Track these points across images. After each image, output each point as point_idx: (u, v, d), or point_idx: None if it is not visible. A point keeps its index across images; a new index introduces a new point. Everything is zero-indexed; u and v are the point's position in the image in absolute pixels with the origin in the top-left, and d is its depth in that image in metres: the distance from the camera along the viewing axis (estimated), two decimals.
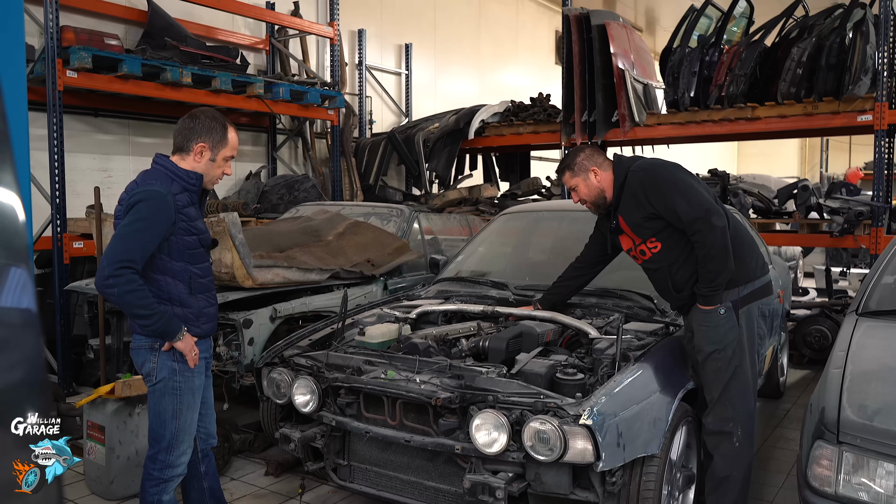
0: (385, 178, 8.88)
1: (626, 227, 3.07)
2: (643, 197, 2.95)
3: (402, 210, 5.57)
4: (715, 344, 2.90)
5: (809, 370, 6.24)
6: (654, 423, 2.68)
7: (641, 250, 3.09)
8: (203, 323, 2.74)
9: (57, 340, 5.44)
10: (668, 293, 3.09)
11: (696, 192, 2.90)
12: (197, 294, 2.70)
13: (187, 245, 2.65)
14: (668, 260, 3.00)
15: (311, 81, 7.78)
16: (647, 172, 2.99)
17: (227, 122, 2.73)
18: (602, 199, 3.11)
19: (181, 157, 2.67)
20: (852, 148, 19.49)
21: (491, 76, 12.22)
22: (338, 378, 2.95)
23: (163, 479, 2.70)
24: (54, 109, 5.34)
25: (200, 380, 2.76)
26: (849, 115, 6.02)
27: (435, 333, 3.31)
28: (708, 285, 2.87)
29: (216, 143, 2.67)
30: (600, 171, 3.08)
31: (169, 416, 2.67)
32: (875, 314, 3.24)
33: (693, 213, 2.84)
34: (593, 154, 3.13)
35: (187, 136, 2.66)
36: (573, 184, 3.14)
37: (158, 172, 2.63)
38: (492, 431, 2.57)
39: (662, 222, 2.95)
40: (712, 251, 2.82)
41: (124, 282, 2.45)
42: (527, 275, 4.24)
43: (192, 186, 2.66)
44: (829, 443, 2.27)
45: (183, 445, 2.72)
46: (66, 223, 5.52)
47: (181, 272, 2.65)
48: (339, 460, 3.11)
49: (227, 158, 2.73)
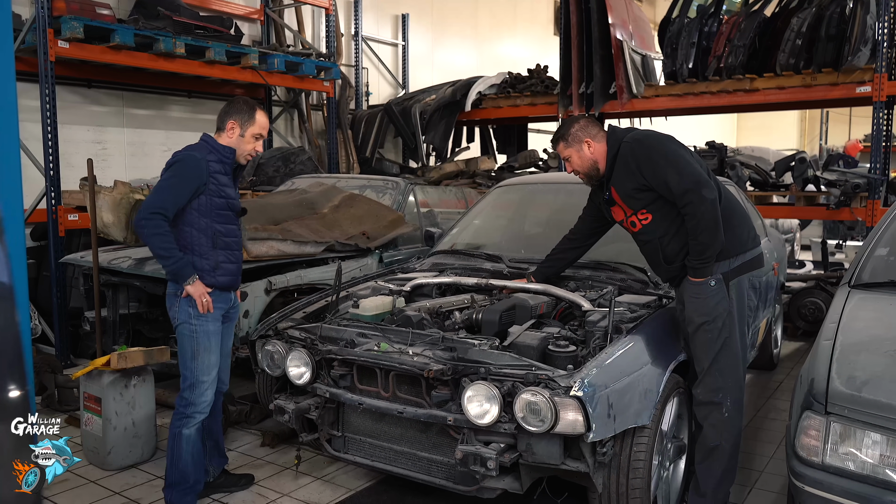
0: (382, 150, 8.84)
1: (618, 199, 3.06)
2: (635, 168, 2.94)
3: (397, 183, 5.55)
4: (705, 315, 2.90)
5: (803, 342, 6.28)
6: (645, 395, 2.69)
7: (632, 221, 3.08)
8: (219, 275, 3.06)
9: (54, 313, 5.45)
10: (660, 265, 3.08)
11: (687, 164, 2.89)
12: (218, 249, 3.06)
13: (215, 205, 3.04)
14: (659, 232, 3.00)
15: (306, 52, 7.71)
16: (640, 143, 2.97)
17: (257, 105, 3.15)
18: (595, 170, 3.09)
19: (219, 134, 3.12)
20: (852, 120, 19.40)
21: (489, 48, 12.11)
22: (331, 350, 2.96)
23: (185, 414, 3.08)
24: (46, 80, 5.29)
25: (215, 326, 3.09)
26: (848, 87, 5.98)
27: (429, 306, 3.32)
28: (698, 257, 2.87)
29: (244, 122, 3.08)
30: (594, 142, 3.06)
31: (189, 357, 3.05)
32: (867, 286, 3.24)
33: (683, 184, 2.83)
34: (587, 125, 3.10)
35: (222, 117, 3.10)
36: (567, 154, 3.12)
37: (200, 145, 3.10)
38: (483, 403, 2.59)
39: (654, 194, 2.94)
40: (702, 223, 2.82)
41: (153, 225, 2.90)
42: (522, 247, 4.24)
43: (226, 158, 3.09)
44: (817, 413, 2.29)
45: (202, 385, 3.07)
46: (61, 195, 5.49)
47: (206, 228, 3.03)
48: (334, 431, 3.13)
49: (255, 136, 3.11)
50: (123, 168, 6.90)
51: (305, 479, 3.52)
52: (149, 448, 3.73)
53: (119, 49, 5.71)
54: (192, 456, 3.10)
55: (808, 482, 2.25)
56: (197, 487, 3.14)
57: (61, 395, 4.52)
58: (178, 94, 7.35)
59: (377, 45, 9.87)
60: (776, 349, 5.48)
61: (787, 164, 6.89)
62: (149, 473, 3.58)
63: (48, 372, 4.59)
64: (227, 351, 3.31)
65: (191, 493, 3.10)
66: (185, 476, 3.08)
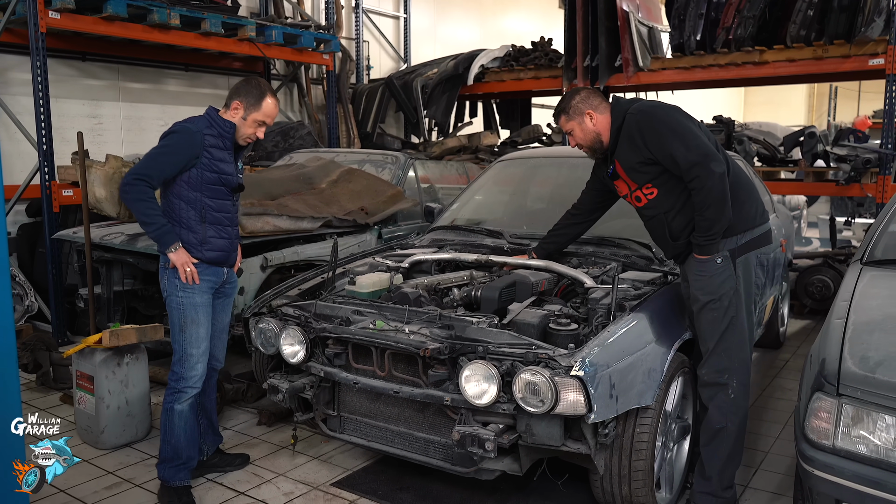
0: (383, 125, 8.70)
1: (622, 172, 2.94)
2: (640, 140, 2.81)
3: (397, 157, 5.44)
4: (710, 294, 2.79)
5: (810, 320, 6.18)
6: (649, 374, 2.61)
7: (637, 196, 2.96)
8: (207, 250, 2.99)
9: (49, 289, 5.38)
10: (665, 241, 2.96)
11: (694, 137, 2.76)
12: (207, 224, 2.98)
13: (206, 180, 2.95)
14: (665, 207, 2.88)
15: (304, 24, 7.55)
16: (645, 115, 2.84)
17: (268, 90, 3.04)
18: (598, 143, 2.96)
19: (224, 110, 3.03)
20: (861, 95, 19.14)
21: (492, 21, 11.90)
22: (325, 328, 2.88)
23: (177, 389, 3.02)
24: (38, 52, 5.16)
25: (203, 298, 3.01)
26: (860, 59, 5.82)
27: (427, 283, 3.23)
28: (704, 234, 2.75)
29: (249, 105, 2.99)
30: (596, 113, 2.93)
31: (177, 329, 3.00)
32: (880, 263, 3.14)
33: (691, 158, 2.71)
34: (589, 96, 2.97)
35: (231, 95, 3.03)
36: (569, 128, 2.99)
37: (202, 118, 3.01)
38: (481, 383, 2.50)
39: (659, 168, 2.82)
40: (709, 198, 2.70)
41: (136, 191, 2.84)
42: (524, 223, 4.14)
43: (226, 133, 2.99)
44: (828, 395, 2.20)
45: (192, 360, 3.01)
46: (55, 170, 5.39)
47: (195, 201, 2.95)
48: (329, 411, 3.06)
49: (257, 122, 3.01)
50: (119, 143, 6.79)
51: (302, 458, 3.46)
52: (143, 427, 3.67)
53: (112, 20, 5.57)
54: (186, 432, 3.04)
55: (817, 466, 2.16)
56: (190, 464, 3.07)
57: (56, 373, 4.47)
58: (175, 68, 7.21)
59: (378, 17, 9.69)
60: (783, 327, 5.38)
61: (796, 138, 6.75)
62: (143, 452, 3.53)
63: (43, 350, 4.53)
64: (222, 327, 3.23)
65: (183, 470, 3.04)
66: (178, 452, 3.02)
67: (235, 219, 3.14)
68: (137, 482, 3.23)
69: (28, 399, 4.27)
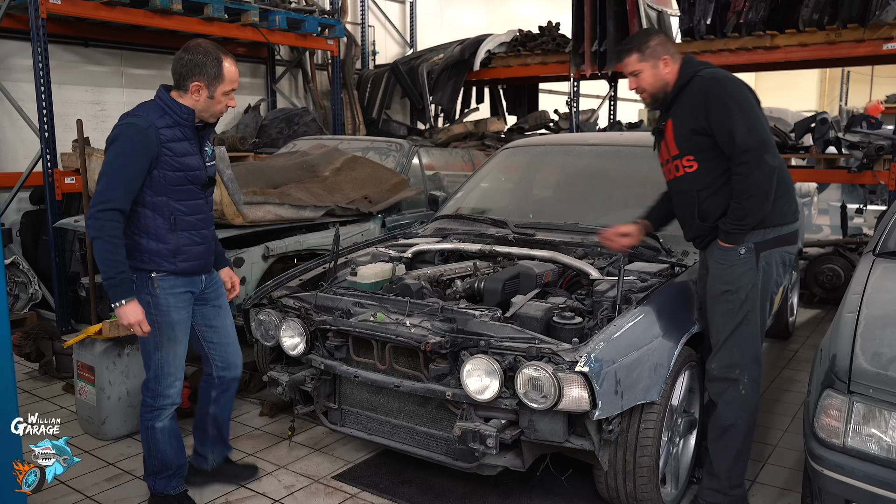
0: (389, 111, 8.62)
1: (670, 134, 2.78)
2: (701, 106, 2.65)
3: (401, 144, 5.37)
4: (728, 284, 2.70)
5: (820, 310, 6.10)
6: (655, 369, 2.55)
7: (676, 165, 2.80)
8: (181, 261, 2.64)
9: (53, 277, 5.37)
10: (690, 221, 2.83)
11: (758, 121, 2.61)
12: (179, 231, 2.62)
13: (170, 180, 2.56)
14: (701, 184, 2.74)
15: (308, 9, 7.46)
16: (717, 82, 2.66)
17: (222, 53, 2.58)
18: (663, 92, 2.78)
19: (179, 94, 2.59)
20: (874, 80, 18.89)
21: (500, 5, 11.75)
22: (325, 321, 2.83)
23: (155, 406, 2.76)
24: (38, 38, 5.11)
25: (180, 315, 2.70)
26: (874, 44, 5.69)
27: (429, 274, 3.18)
28: (736, 222, 2.64)
29: (212, 80, 2.55)
30: (672, 62, 2.75)
31: (151, 348, 2.70)
32: (894, 255, 3.07)
33: (749, 142, 2.56)
34: (667, 42, 2.78)
35: (182, 74, 2.55)
36: (638, 68, 2.77)
37: (153, 104, 2.58)
38: (483, 378, 2.46)
39: (709, 140, 2.67)
40: (752, 188, 2.58)
41: (97, 226, 2.44)
42: (529, 212, 4.08)
43: (184, 121, 2.57)
44: (839, 392, 2.14)
45: (169, 377, 2.74)
46: (57, 158, 5.35)
47: (162, 207, 2.57)
48: (330, 404, 3.02)
49: (226, 93, 2.61)
50: None
51: (303, 450, 3.43)
52: None
53: (113, 5, 5.51)
54: (171, 444, 2.82)
55: (827, 465, 2.11)
56: (181, 471, 2.89)
57: (59, 363, 4.45)
58: None
59: (384, 2, 9.57)
60: (792, 317, 5.31)
61: (808, 125, 6.62)
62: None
63: (46, 339, 4.51)
64: (225, 332, 2.92)
65: (175, 478, 2.87)
66: (167, 464, 2.82)
67: (211, 218, 2.78)
68: (137, 473, 3.20)
69: (31, 388, 4.26)
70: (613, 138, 4.45)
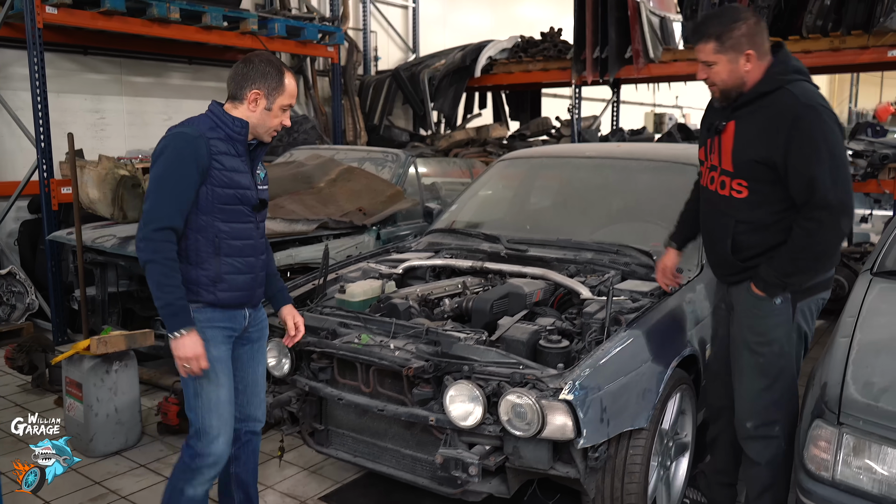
0: (391, 117, 8.58)
1: (728, 143, 2.39)
2: (783, 133, 2.26)
3: (397, 155, 5.32)
4: (759, 335, 2.45)
5: (823, 320, 6.01)
6: (644, 395, 2.50)
7: (723, 182, 2.43)
8: (220, 290, 2.33)
9: (49, 288, 5.36)
10: (719, 249, 2.51)
11: (846, 173, 2.26)
12: (223, 256, 2.33)
13: (219, 198, 2.29)
14: (744, 214, 2.40)
15: (308, 16, 7.43)
16: (812, 111, 2.26)
17: (283, 66, 2.40)
18: (738, 90, 2.38)
19: (234, 105, 2.35)
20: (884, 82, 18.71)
21: (504, 7, 11.70)
22: (310, 342, 2.79)
23: (191, 467, 2.38)
24: (35, 48, 5.10)
25: (221, 351, 2.37)
26: (878, 51, 5.61)
27: (418, 292, 3.13)
28: (781, 276, 2.35)
29: (272, 90, 2.33)
30: (756, 58, 2.33)
31: (191, 395, 2.36)
32: (891, 274, 3.00)
33: (830, 197, 2.22)
34: (757, 30, 2.32)
35: (240, 83, 2.34)
36: (713, 59, 2.35)
37: (203, 117, 2.35)
38: (466, 404, 2.41)
39: (774, 174, 2.31)
40: (815, 248, 2.29)
41: (151, 248, 2.19)
42: (524, 227, 4.03)
43: (238, 134, 2.33)
44: (828, 423, 2.08)
45: (212, 432, 2.35)
46: (53, 168, 5.34)
47: (206, 228, 2.29)
48: (317, 424, 2.98)
49: (284, 108, 2.38)
50: (122, 137, 6.73)
51: (291, 469, 3.39)
52: (133, 434, 3.62)
53: (110, 14, 5.49)
54: None
55: (815, 499, 2.05)
56: None
57: (52, 375, 4.43)
58: (178, 61, 7.13)
59: (386, 7, 9.54)
60: None
61: None
62: (132, 461, 3.48)
63: (39, 351, 4.49)
64: (254, 379, 2.59)
65: None
66: None
67: (262, 246, 2.47)
68: (124, 493, 3.18)
69: (23, 402, 4.25)
70: (610, 150, 4.38)
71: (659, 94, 12.60)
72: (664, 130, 11.20)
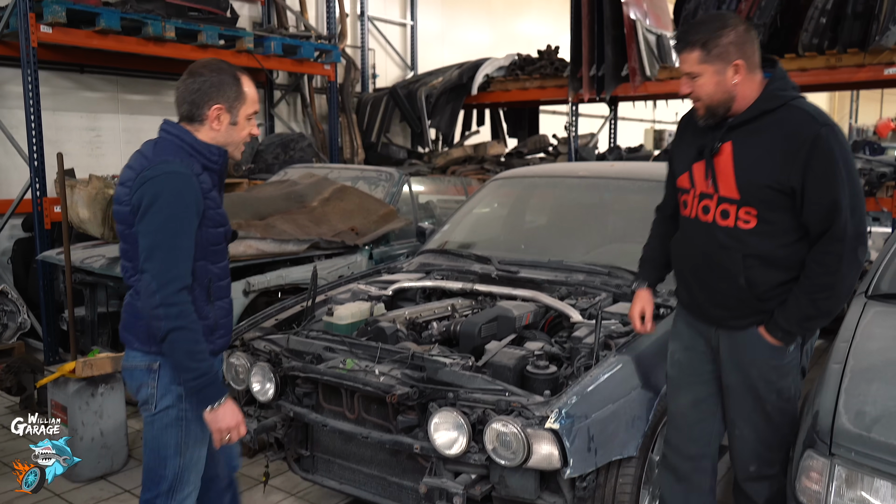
0: (389, 135, 8.58)
1: (726, 166, 2.12)
2: (800, 156, 2.01)
3: (391, 174, 5.30)
4: (769, 384, 2.23)
5: (822, 340, 5.93)
6: (633, 423, 2.44)
7: (724, 211, 2.15)
8: (218, 338, 2.15)
9: (41, 307, 5.32)
10: (725, 286, 2.20)
11: (862, 201, 2.07)
12: (215, 301, 2.13)
13: (211, 239, 2.07)
14: (752, 247, 2.13)
15: (305, 35, 7.44)
16: (832, 132, 2.03)
17: (237, 71, 2.11)
18: (724, 107, 2.12)
19: (194, 128, 2.06)
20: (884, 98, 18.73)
21: (503, 24, 11.72)
22: (294, 367, 2.74)
23: None
24: (29, 66, 5.10)
25: None
26: (875, 69, 5.60)
27: (406, 315, 3.09)
28: (802, 319, 2.12)
29: (233, 102, 2.06)
30: (746, 70, 2.08)
31: (171, 452, 2.11)
32: (887, 297, 2.95)
33: (849, 228, 2.02)
34: (749, 41, 2.09)
35: (195, 102, 2.04)
36: (697, 70, 2.10)
37: (173, 146, 2.03)
38: (451, 432, 2.36)
39: (788, 201, 2.07)
40: (838, 285, 2.07)
41: (175, 313, 1.92)
42: (517, 247, 3.99)
43: (215, 164, 2.09)
44: (820, 454, 2.03)
45: (188, 487, 2.17)
46: (46, 186, 5.33)
47: (201, 274, 2.05)
48: (302, 450, 2.93)
49: (249, 116, 2.12)
50: (118, 155, 6.72)
51: (278, 494, 3.34)
52: (119, 458, 3.58)
53: (106, 33, 5.50)
54: None
55: None
56: None
57: (41, 397, 4.38)
58: (175, 79, 6.93)
59: (384, 24, 9.56)
60: None
61: None
62: (117, 486, 3.43)
63: (28, 372, 4.45)
64: None
65: None
66: None
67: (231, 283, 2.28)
68: None
69: (10, 424, 4.18)
70: (604, 170, 4.36)
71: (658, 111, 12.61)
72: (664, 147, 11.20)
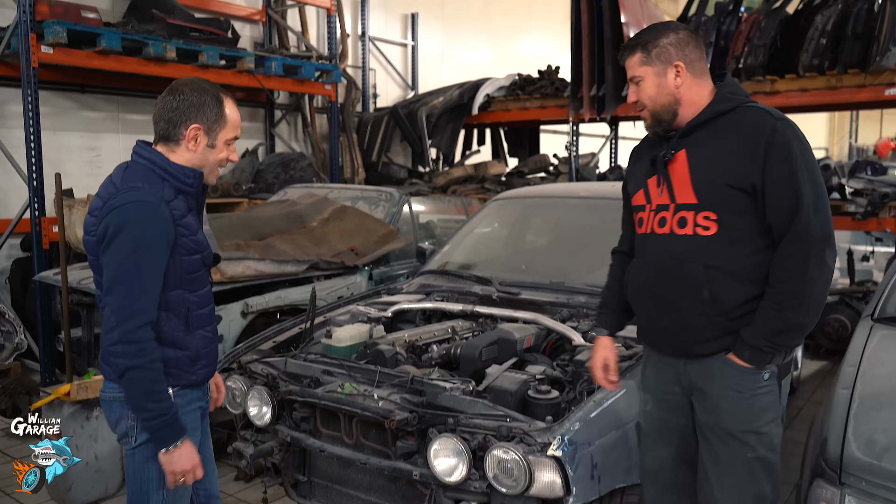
0: (390, 154, 8.57)
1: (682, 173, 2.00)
2: (757, 152, 1.91)
3: (391, 193, 5.28)
4: (745, 423, 1.98)
5: (826, 361, 5.90)
6: (637, 449, 2.39)
7: (681, 219, 2.01)
8: (200, 368, 2.06)
9: (38, 327, 5.28)
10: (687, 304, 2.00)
11: (826, 199, 1.95)
12: (195, 330, 2.03)
13: (187, 267, 1.98)
14: (714, 257, 1.96)
15: (306, 55, 7.47)
16: (789, 126, 1.94)
17: (220, 91, 2.01)
18: (670, 112, 2.03)
19: (169, 148, 1.97)
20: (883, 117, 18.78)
21: (503, 44, 11.78)
22: (291, 391, 2.70)
23: None
24: (29, 86, 5.10)
25: (195, 435, 2.07)
26: (875, 89, 5.60)
27: (406, 338, 3.05)
28: (770, 334, 1.91)
29: (213, 124, 1.97)
30: (687, 72, 2.00)
31: (153, 486, 2.00)
32: (893, 321, 2.91)
33: (813, 227, 1.88)
34: (689, 43, 2.02)
35: (172, 121, 1.96)
36: (639, 73, 2.03)
37: (144, 170, 1.94)
38: (451, 458, 2.31)
39: (750, 202, 1.93)
40: (806, 291, 1.90)
41: (134, 350, 1.84)
42: (518, 268, 3.95)
43: (190, 188, 1.99)
44: (829, 483, 1.98)
45: None
46: (45, 206, 5.31)
47: (177, 303, 1.97)
48: (300, 476, 2.88)
49: (229, 141, 2.03)
50: None
51: None
52: (113, 483, 3.52)
53: (106, 54, 5.50)
54: None
55: None
56: None
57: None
58: None
59: (385, 45, 9.60)
60: (796, 371, 5.12)
61: None
62: None
63: (23, 394, 4.41)
64: (211, 455, 2.30)
65: None
66: None
67: (214, 305, 2.18)
68: None
69: (4, 447, 4.14)
70: (604, 190, 4.33)
71: None
72: None
